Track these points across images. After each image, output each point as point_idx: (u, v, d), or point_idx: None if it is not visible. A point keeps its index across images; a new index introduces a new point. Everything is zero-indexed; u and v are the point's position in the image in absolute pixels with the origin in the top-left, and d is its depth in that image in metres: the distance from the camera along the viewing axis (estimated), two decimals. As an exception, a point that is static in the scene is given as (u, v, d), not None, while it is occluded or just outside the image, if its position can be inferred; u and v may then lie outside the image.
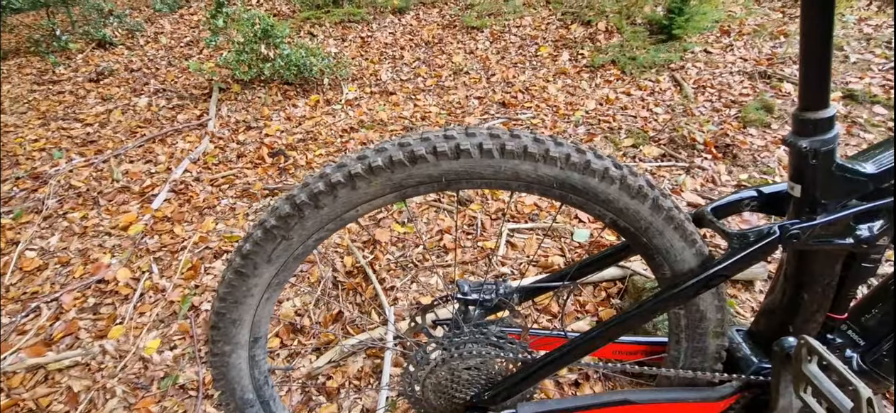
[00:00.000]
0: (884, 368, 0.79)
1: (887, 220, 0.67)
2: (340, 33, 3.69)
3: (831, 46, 0.59)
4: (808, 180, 0.66)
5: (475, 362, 0.76)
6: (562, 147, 0.62)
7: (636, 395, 0.78)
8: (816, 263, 0.72)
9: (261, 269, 0.67)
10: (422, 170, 0.62)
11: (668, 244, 0.68)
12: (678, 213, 0.67)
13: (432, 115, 2.61)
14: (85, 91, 3.27)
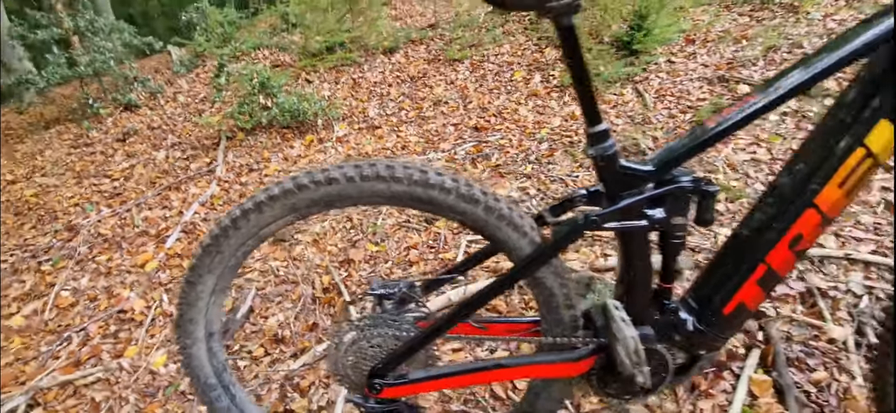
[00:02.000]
0: (714, 328, 0.95)
1: (674, 205, 0.86)
2: (334, 77, 4.04)
3: (588, 76, 0.80)
4: (603, 179, 0.86)
5: (377, 341, 0.97)
6: (407, 169, 0.85)
7: (508, 360, 0.98)
8: (632, 243, 0.91)
9: (205, 277, 0.91)
10: (307, 195, 0.85)
11: (505, 237, 0.88)
12: (509, 212, 0.87)
13: (411, 144, 2.87)
14: (113, 150, 3.70)
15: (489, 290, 0.90)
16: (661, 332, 0.96)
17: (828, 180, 0.81)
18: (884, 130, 0.77)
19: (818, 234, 0.86)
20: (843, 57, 0.77)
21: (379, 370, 0.95)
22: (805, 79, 0.79)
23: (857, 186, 0.82)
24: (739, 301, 0.91)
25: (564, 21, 0.77)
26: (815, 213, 0.83)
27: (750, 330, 1.46)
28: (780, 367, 1.33)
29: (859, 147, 0.79)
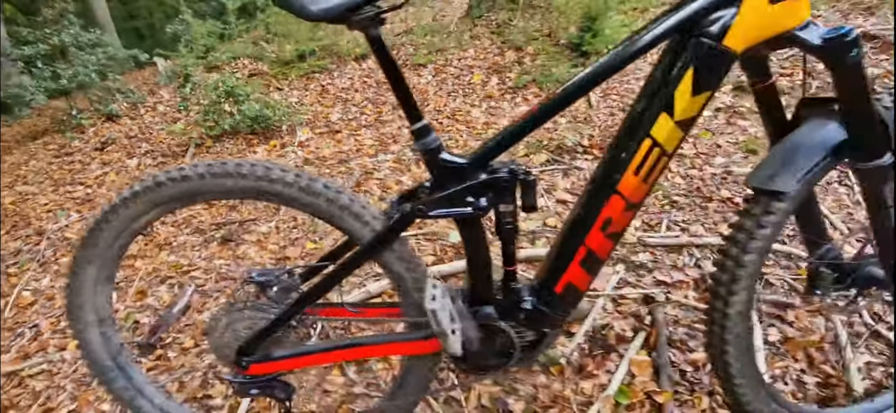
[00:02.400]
0: (551, 307, 1.04)
1: (496, 194, 0.95)
2: (304, 84, 4.17)
3: (402, 78, 0.89)
4: (430, 172, 0.95)
5: (247, 323, 1.07)
6: (253, 166, 0.95)
7: (366, 338, 1.07)
8: (465, 230, 1.00)
9: (86, 268, 1.02)
10: (165, 191, 0.96)
11: (348, 225, 0.98)
12: (350, 203, 0.97)
13: (365, 147, 2.97)
14: (90, 159, 3.84)
15: (335, 274, 1.00)
16: (505, 311, 1.05)
17: (626, 168, 0.90)
18: (665, 122, 0.86)
19: (628, 219, 0.95)
20: (642, 46, 0.86)
21: (246, 349, 1.05)
22: (611, 65, 0.87)
23: (653, 174, 0.91)
24: (567, 281, 1.01)
25: (372, 32, 0.87)
26: (619, 199, 0.92)
27: (639, 314, 1.54)
28: (661, 348, 1.41)
29: (647, 138, 0.88)
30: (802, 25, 0.81)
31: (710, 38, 0.81)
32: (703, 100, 0.85)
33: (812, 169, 0.88)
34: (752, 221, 0.92)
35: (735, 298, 0.96)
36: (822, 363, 1.34)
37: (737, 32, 0.80)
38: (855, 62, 0.78)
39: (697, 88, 0.83)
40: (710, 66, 0.82)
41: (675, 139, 0.87)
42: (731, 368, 1.02)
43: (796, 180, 0.89)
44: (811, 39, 0.80)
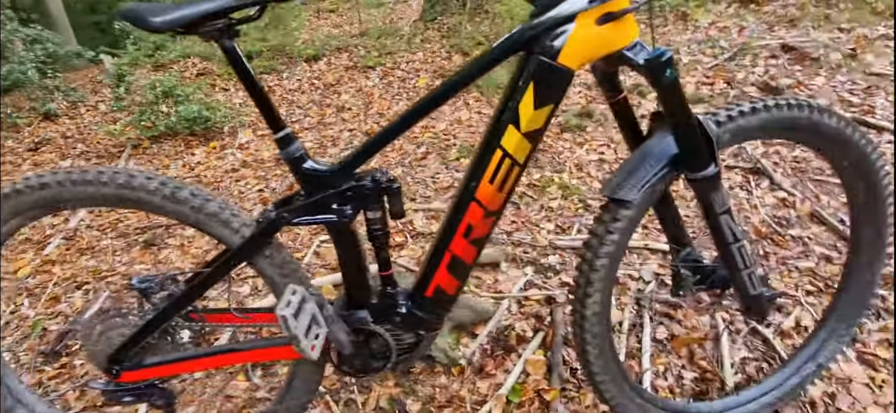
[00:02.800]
0: (423, 310, 1.08)
1: (361, 202, 0.97)
2: (251, 84, 4.10)
3: (260, 88, 0.91)
4: (297, 179, 0.97)
5: (119, 330, 1.06)
6: (115, 174, 0.95)
7: (241, 345, 1.08)
8: (336, 237, 1.02)
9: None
10: (25, 199, 0.94)
11: (218, 233, 0.99)
12: (219, 211, 0.98)
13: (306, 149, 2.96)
14: (22, 160, 3.69)
15: (205, 279, 1.01)
16: (380, 315, 1.08)
17: (482, 177, 0.94)
18: (513, 134, 0.91)
19: (489, 225, 0.99)
20: (490, 60, 0.90)
21: (117, 356, 1.05)
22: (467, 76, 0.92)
23: (508, 183, 0.95)
24: (437, 285, 1.04)
25: (225, 43, 0.88)
26: (478, 207, 0.96)
27: (541, 315, 1.60)
28: (556, 347, 1.47)
29: (498, 148, 0.92)
30: (631, 45, 0.87)
31: (547, 55, 0.86)
32: (546, 113, 0.90)
33: (652, 179, 0.94)
34: (603, 228, 0.98)
35: (590, 301, 1.01)
36: (701, 359, 1.43)
37: (569, 51, 0.85)
38: (670, 80, 0.85)
39: (539, 102, 0.88)
40: (549, 82, 0.87)
41: (525, 150, 0.92)
42: (592, 366, 1.08)
43: (638, 189, 0.95)
44: (637, 59, 0.86)
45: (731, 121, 0.96)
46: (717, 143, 0.91)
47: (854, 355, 1.40)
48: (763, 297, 1.06)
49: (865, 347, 1.41)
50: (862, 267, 1.20)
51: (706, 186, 0.93)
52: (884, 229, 1.15)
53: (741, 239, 0.98)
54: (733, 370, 1.38)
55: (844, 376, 1.34)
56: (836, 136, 1.03)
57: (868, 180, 1.09)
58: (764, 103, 0.98)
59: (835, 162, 1.09)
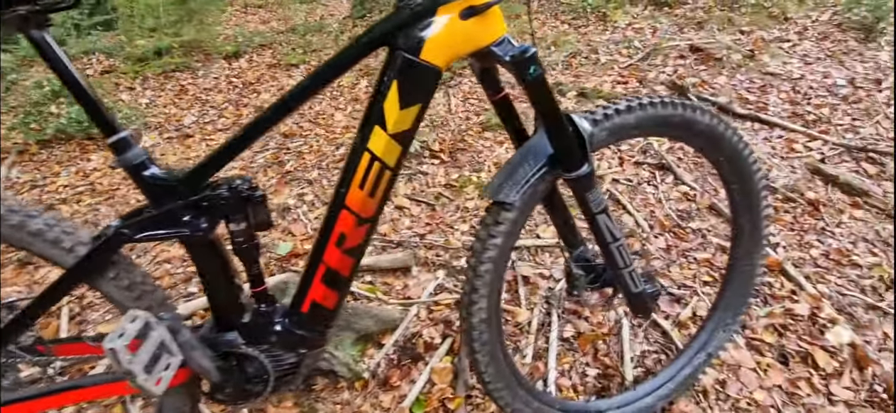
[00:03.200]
0: (301, 327, 0.99)
1: (218, 213, 0.87)
2: (161, 83, 3.80)
3: (82, 86, 0.79)
4: (140, 190, 0.86)
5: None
6: None
7: (85, 379, 0.95)
8: (194, 252, 0.92)
9: None
10: None
11: (47, 253, 0.86)
12: (49, 230, 0.85)
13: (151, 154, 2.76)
14: None
15: (36, 303, 0.87)
16: (253, 336, 0.98)
17: (351, 182, 0.87)
18: (380, 136, 0.84)
19: (363, 233, 0.92)
20: (351, 57, 0.84)
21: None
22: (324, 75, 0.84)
23: (379, 188, 0.88)
24: (312, 299, 0.96)
25: (33, 34, 0.76)
26: (349, 214, 0.89)
27: (450, 320, 1.56)
28: (463, 353, 1.43)
29: (365, 151, 0.85)
30: (498, 41, 0.83)
31: (410, 51, 0.80)
32: (413, 114, 0.84)
33: (531, 179, 0.92)
34: (485, 231, 0.94)
35: (476, 308, 0.97)
36: (605, 355, 1.44)
37: (433, 47, 0.80)
38: (534, 78, 0.82)
39: (404, 102, 0.82)
40: (413, 80, 0.82)
41: (394, 153, 0.86)
42: (484, 374, 1.04)
43: (518, 190, 0.91)
44: (503, 55, 0.82)
45: (607, 119, 0.95)
46: (589, 142, 0.89)
47: (743, 342, 1.46)
48: (645, 295, 1.06)
49: (753, 333, 1.48)
50: (743, 258, 1.24)
51: (581, 186, 0.91)
52: (759, 220, 1.20)
53: (619, 238, 0.98)
54: (633, 364, 1.41)
55: (734, 362, 1.40)
56: (708, 132, 1.05)
57: (742, 175, 1.13)
58: (639, 101, 0.99)
59: (710, 157, 1.11)
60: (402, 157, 0.88)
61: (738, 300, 1.29)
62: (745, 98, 2.80)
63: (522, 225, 0.98)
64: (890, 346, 1.42)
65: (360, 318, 1.46)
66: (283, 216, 2.06)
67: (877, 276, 1.64)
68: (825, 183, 2.09)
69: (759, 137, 2.47)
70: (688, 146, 1.12)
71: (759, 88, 2.94)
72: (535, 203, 0.97)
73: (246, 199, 0.87)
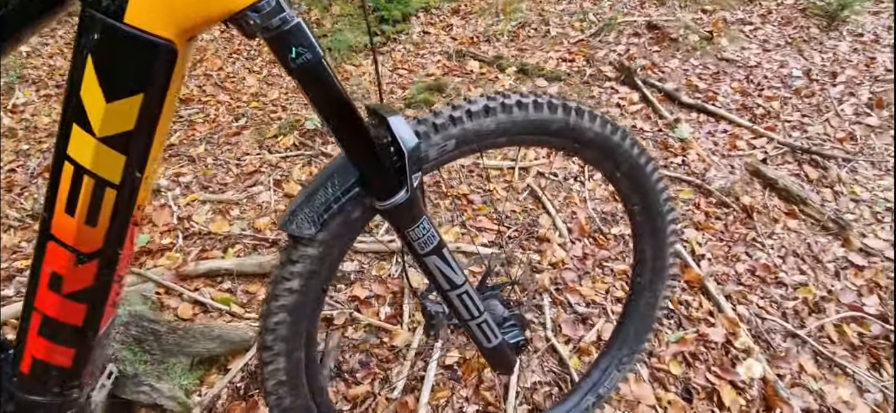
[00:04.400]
0: (26, 390, 0.73)
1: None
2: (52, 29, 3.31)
3: None
4: None
5: None
6: None
7: None
8: None
9: None
10: None
11: None
12: None
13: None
14: None
15: None
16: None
17: (55, 205, 0.60)
18: (82, 139, 0.57)
19: (92, 274, 0.65)
20: None
21: None
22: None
23: (104, 212, 0.61)
24: (32, 356, 0.69)
25: None
26: (59, 247, 0.62)
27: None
28: (321, 383, 1.20)
29: (66, 160, 0.58)
30: (251, 6, 0.55)
31: (108, 12, 0.52)
32: (133, 107, 0.56)
33: (332, 207, 0.67)
34: (278, 273, 0.70)
35: (270, 368, 0.74)
36: (488, 388, 1.24)
37: (144, 6, 0.52)
38: (303, 65, 0.55)
39: (110, 90, 0.54)
40: (119, 57, 0.53)
41: (115, 166, 0.58)
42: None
43: (317, 222, 0.66)
44: (258, 25, 0.55)
45: (451, 125, 0.70)
46: (411, 159, 0.64)
47: (646, 373, 1.29)
48: (503, 348, 0.84)
49: (660, 362, 1.31)
50: (645, 289, 1.04)
51: (396, 220, 0.67)
52: (664, 247, 1.00)
53: (462, 285, 0.75)
54: (518, 400, 1.21)
55: (633, 398, 1.23)
56: (601, 142, 0.83)
57: (643, 193, 0.92)
58: (503, 100, 0.74)
59: (604, 171, 0.89)
60: (135, 168, 0.60)
61: (636, 336, 1.10)
62: (695, 85, 2.60)
63: (335, 262, 0.73)
64: (803, 382, 1.28)
65: (197, 340, 1.20)
66: (150, 199, 1.74)
67: (801, 297, 1.49)
68: (764, 187, 1.92)
69: (704, 131, 2.28)
70: (577, 159, 0.89)
71: (712, 75, 2.74)
72: (351, 234, 0.73)
73: None
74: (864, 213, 1.80)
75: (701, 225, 1.75)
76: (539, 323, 1.40)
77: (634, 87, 2.55)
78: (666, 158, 2.08)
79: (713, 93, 2.57)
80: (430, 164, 0.73)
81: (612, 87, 2.60)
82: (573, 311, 1.43)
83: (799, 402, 1.22)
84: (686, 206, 1.84)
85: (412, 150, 0.64)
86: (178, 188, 1.81)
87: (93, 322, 0.69)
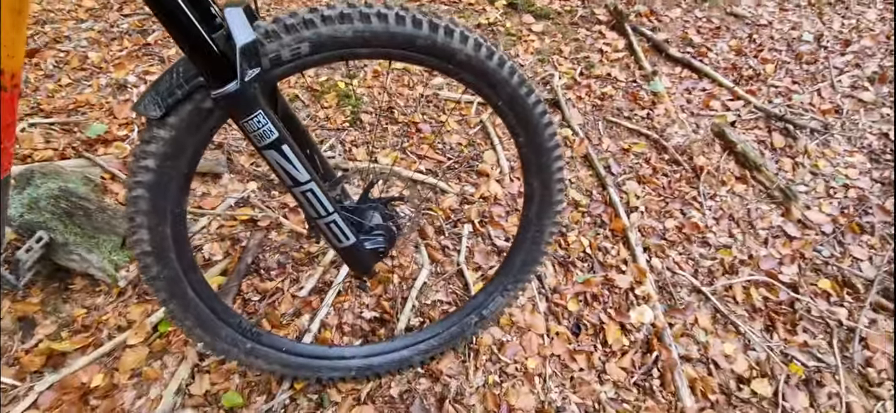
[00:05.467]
0: None
1: None
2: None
3: None
4: None
5: None
6: None
7: None
8: None
9: None
10: None
11: None
12: None
13: None
14: None
15: None
16: None
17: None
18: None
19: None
20: None
21: None
22: None
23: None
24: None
25: None
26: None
27: (239, 238, 1.42)
28: (234, 275, 1.31)
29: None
30: None
31: None
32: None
33: (176, 93, 0.72)
34: (138, 151, 0.77)
35: (135, 238, 0.82)
36: (389, 299, 1.33)
37: None
38: None
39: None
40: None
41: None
42: (168, 309, 0.92)
43: (160, 105, 0.72)
44: None
45: (306, 26, 0.73)
46: (241, 52, 0.68)
47: (545, 306, 1.36)
48: (360, 250, 0.91)
49: (560, 299, 1.37)
50: (532, 222, 1.09)
51: (231, 108, 0.71)
52: (551, 183, 1.03)
53: (305, 183, 0.80)
54: (413, 313, 1.30)
55: (524, 326, 1.31)
56: (475, 66, 0.84)
57: (527, 127, 0.94)
58: (360, 9, 0.76)
59: (486, 99, 0.91)
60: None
61: (522, 267, 1.15)
62: (689, 39, 2.49)
63: (195, 148, 0.79)
64: (692, 333, 1.33)
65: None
66: (115, 94, 1.83)
67: (720, 258, 1.51)
68: (723, 149, 1.89)
69: (681, 87, 2.21)
70: (458, 83, 0.91)
71: (713, 30, 2.61)
72: (208, 123, 0.78)
73: None
74: (818, 186, 1.77)
75: (645, 178, 1.75)
76: (454, 249, 1.46)
77: (622, 34, 2.46)
78: (631, 110, 2.04)
79: (706, 49, 2.45)
80: (286, 66, 0.77)
81: (600, 31, 2.51)
82: (491, 243, 1.49)
83: (680, 350, 1.27)
84: (636, 159, 1.83)
85: (245, 46, 0.68)
86: (143, 85, 1.88)
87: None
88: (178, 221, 0.86)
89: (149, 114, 0.73)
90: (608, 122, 1.98)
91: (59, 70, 1.96)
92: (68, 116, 1.71)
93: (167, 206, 0.82)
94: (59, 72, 1.94)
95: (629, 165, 1.81)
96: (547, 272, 1.43)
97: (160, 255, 0.86)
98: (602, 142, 1.88)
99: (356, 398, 1.13)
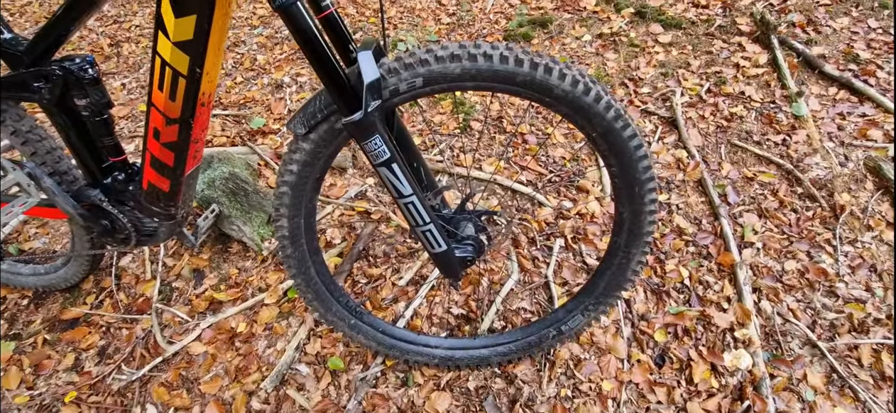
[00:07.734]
0: (147, 200, 1.14)
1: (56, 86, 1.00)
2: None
3: None
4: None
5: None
6: None
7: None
8: (48, 115, 1.07)
9: None
10: None
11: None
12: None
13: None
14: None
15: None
16: (112, 197, 1.17)
17: (153, 82, 0.94)
18: (164, 42, 0.88)
19: (175, 133, 1.00)
20: None
21: None
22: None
23: (179, 93, 0.94)
24: (148, 180, 1.10)
25: None
26: (156, 113, 0.97)
27: (355, 226, 1.64)
28: (347, 258, 1.53)
29: (156, 55, 0.90)
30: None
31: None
32: (190, 24, 0.84)
33: (318, 116, 0.90)
34: (286, 157, 0.97)
35: (277, 224, 1.04)
36: (477, 299, 1.43)
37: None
38: (283, 5, 0.75)
39: (177, 9, 0.83)
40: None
41: (183, 62, 0.89)
42: (298, 285, 1.13)
43: (305, 124, 0.91)
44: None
45: (421, 65, 0.86)
46: (367, 89, 0.83)
47: (629, 331, 1.35)
48: (450, 257, 1.03)
49: (647, 326, 1.35)
50: (621, 249, 1.11)
51: (354, 133, 0.87)
52: (642, 214, 1.05)
53: (408, 196, 0.94)
54: (497, 316, 1.39)
55: (605, 347, 1.32)
56: (571, 101, 0.90)
57: (620, 157, 0.98)
58: (469, 50, 0.87)
59: (581, 129, 0.96)
60: (196, 65, 0.90)
61: (605, 290, 1.17)
62: (853, 54, 2.15)
63: (327, 159, 0.98)
64: (798, 389, 1.21)
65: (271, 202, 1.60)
66: (273, 93, 2.20)
67: (848, 312, 1.33)
68: (876, 189, 1.63)
69: (833, 111, 1.94)
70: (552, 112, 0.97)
71: (887, 45, 2.22)
72: (339, 140, 0.95)
73: (77, 79, 0.99)
74: None
75: (768, 212, 1.60)
76: (544, 261, 1.51)
77: (766, 47, 2.22)
78: (763, 134, 1.86)
79: (876, 67, 2.10)
80: (403, 95, 0.91)
81: (740, 43, 2.29)
82: (581, 260, 1.51)
83: (780, 404, 1.17)
84: (760, 190, 1.67)
85: (371, 83, 0.83)
86: (295, 86, 2.23)
87: (180, 164, 1.06)
88: (310, 214, 1.06)
89: (297, 131, 0.92)
90: (733, 146, 1.83)
91: (235, 69, 2.41)
92: (239, 110, 2.12)
93: (303, 202, 1.02)
94: (235, 71, 2.39)
95: (751, 196, 1.66)
96: (637, 297, 1.41)
97: (294, 240, 1.07)
98: (722, 167, 1.75)
99: (436, 384, 1.26)
